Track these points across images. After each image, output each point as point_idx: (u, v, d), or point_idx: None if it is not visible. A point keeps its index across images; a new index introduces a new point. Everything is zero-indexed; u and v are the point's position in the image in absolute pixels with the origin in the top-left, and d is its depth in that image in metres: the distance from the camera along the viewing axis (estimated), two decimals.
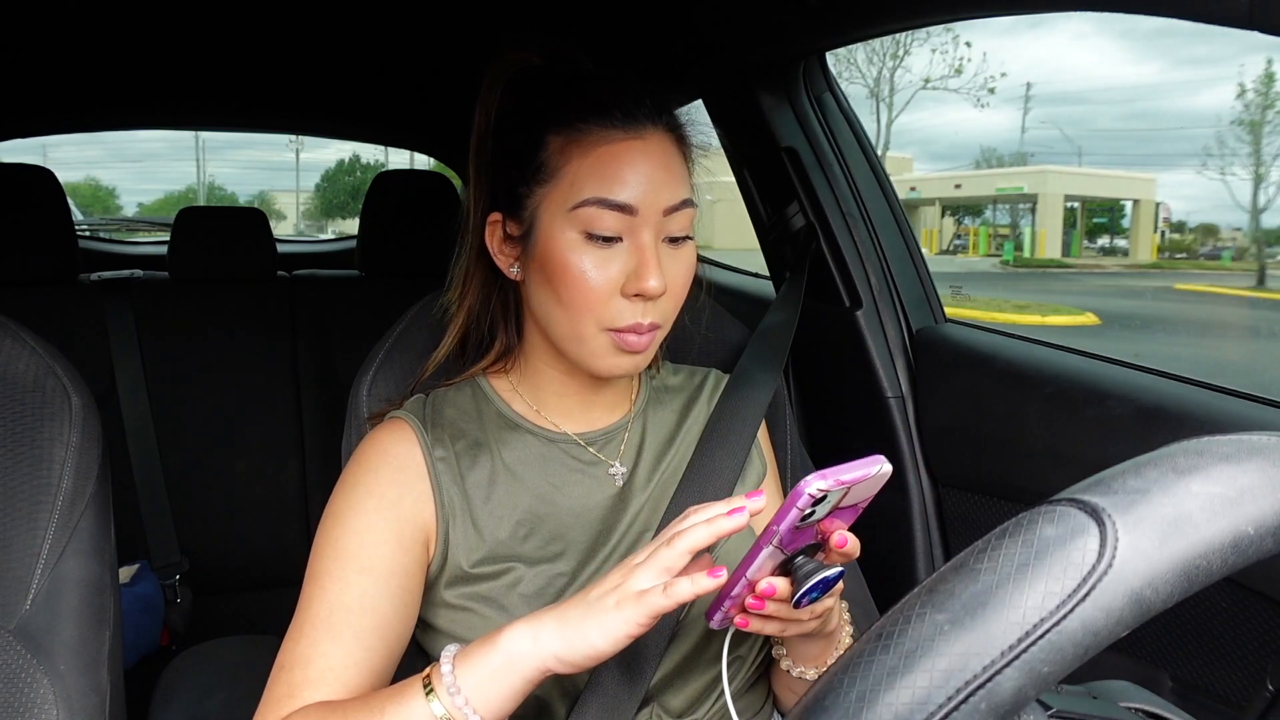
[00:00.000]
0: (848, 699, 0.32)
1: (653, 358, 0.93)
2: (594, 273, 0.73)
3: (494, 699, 0.63)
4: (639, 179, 0.73)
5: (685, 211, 0.76)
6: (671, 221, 0.75)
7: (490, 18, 1.64)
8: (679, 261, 0.77)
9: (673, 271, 0.76)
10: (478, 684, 0.63)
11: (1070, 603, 0.32)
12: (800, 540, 0.62)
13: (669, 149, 0.76)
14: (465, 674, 0.63)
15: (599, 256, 0.74)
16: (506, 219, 0.79)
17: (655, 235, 0.75)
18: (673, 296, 0.78)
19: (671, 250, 0.77)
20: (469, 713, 0.62)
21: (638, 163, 0.73)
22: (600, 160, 0.73)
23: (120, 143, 57.27)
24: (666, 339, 0.82)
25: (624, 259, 0.74)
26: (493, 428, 0.84)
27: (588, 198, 0.73)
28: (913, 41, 24.12)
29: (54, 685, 0.74)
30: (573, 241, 0.74)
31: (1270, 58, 27.92)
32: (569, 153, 0.74)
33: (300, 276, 2.24)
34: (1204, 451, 0.36)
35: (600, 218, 0.73)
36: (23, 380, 0.81)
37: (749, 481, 0.91)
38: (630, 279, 0.74)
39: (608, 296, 0.74)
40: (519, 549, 0.79)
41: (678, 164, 0.77)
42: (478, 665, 0.63)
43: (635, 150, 0.74)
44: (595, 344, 0.76)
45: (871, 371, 1.35)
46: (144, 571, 1.92)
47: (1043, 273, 22.43)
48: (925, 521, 1.31)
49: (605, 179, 0.73)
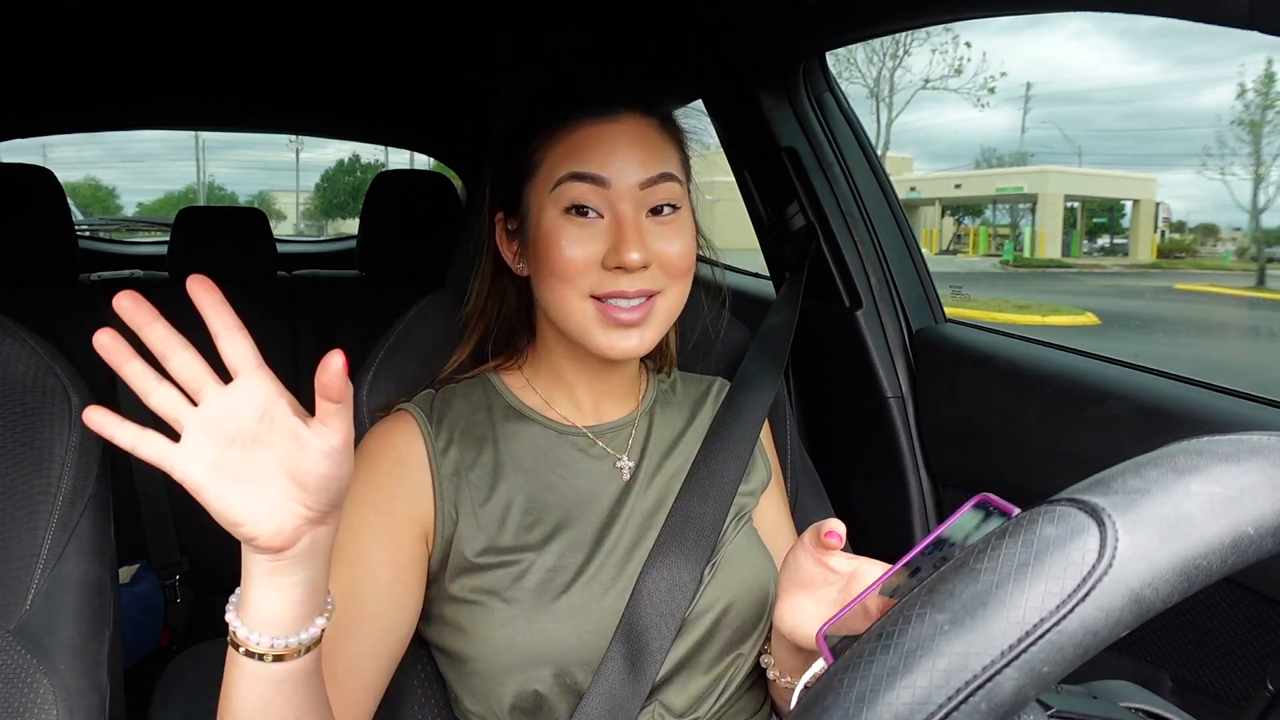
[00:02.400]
0: (848, 699, 0.32)
1: (663, 353, 0.94)
2: (574, 247, 0.77)
3: (272, 611, 0.57)
4: (610, 153, 0.77)
5: (666, 185, 0.79)
6: (652, 195, 0.78)
7: (491, 18, 1.64)
8: (668, 235, 0.79)
9: (660, 245, 0.78)
10: (251, 610, 0.57)
11: (1070, 603, 0.32)
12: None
13: (646, 130, 0.80)
14: (243, 608, 0.58)
15: (579, 232, 0.77)
16: (507, 217, 0.84)
17: (636, 209, 0.77)
18: (668, 268, 0.79)
19: (658, 224, 0.79)
20: (258, 638, 0.57)
21: (610, 140, 0.78)
22: (574, 142, 0.78)
23: (120, 143, 57.25)
24: (679, 340, 0.82)
25: (605, 234, 0.77)
26: (501, 420, 0.85)
27: (563, 174, 0.77)
28: (913, 41, 24.15)
29: (54, 685, 0.74)
30: (554, 219, 0.78)
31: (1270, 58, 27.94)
32: (550, 144, 0.79)
33: (300, 276, 2.24)
34: (1204, 451, 0.36)
35: (575, 191, 0.77)
36: (23, 380, 0.81)
37: (753, 483, 0.91)
38: (610, 252, 0.76)
39: (588, 269, 0.77)
40: (523, 540, 0.79)
41: (657, 142, 0.80)
42: (244, 594, 0.58)
43: (607, 130, 0.78)
44: (582, 315, 0.78)
45: (871, 371, 1.35)
46: (144, 571, 1.92)
47: (1042, 273, 22.44)
48: (925, 521, 1.31)
49: (578, 156, 0.77)
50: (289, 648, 0.57)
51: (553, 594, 0.77)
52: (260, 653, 0.57)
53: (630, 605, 0.77)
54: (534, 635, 0.76)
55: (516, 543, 0.79)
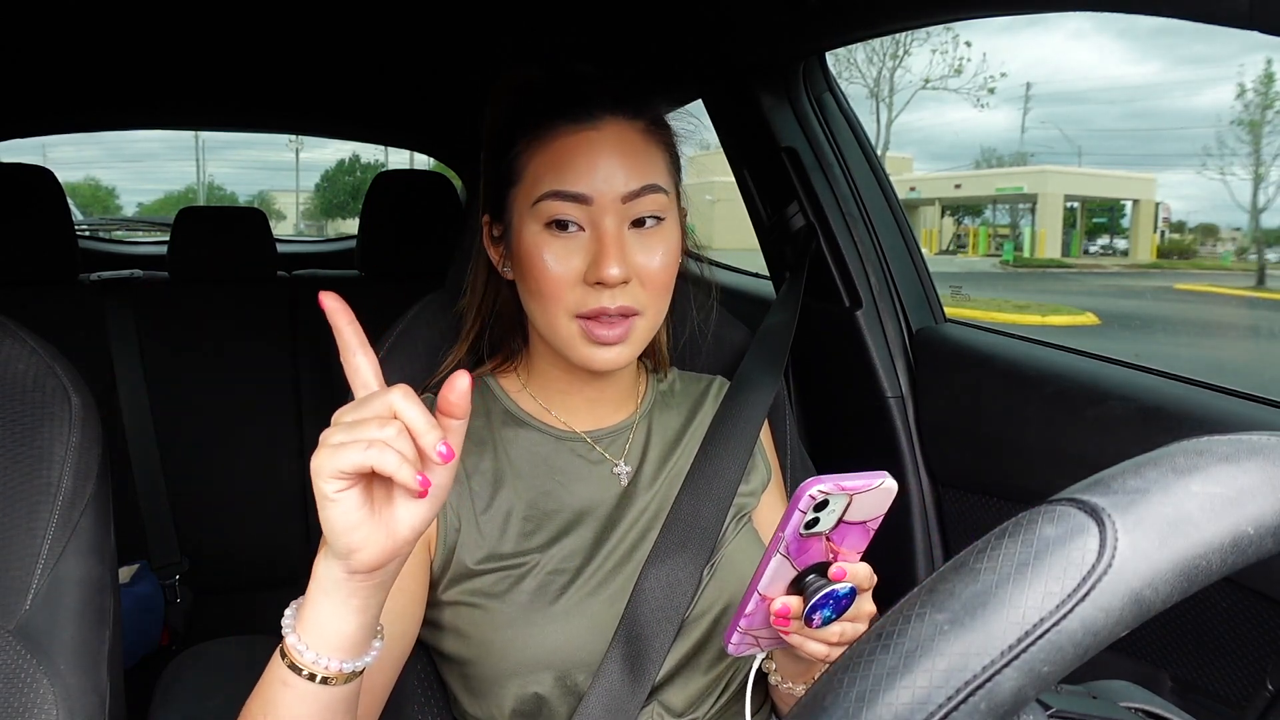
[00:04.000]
0: (848, 699, 0.32)
1: (657, 353, 0.94)
2: (556, 264, 0.76)
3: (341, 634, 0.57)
4: (591, 168, 0.75)
5: (651, 196, 0.77)
6: (635, 207, 0.76)
7: (491, 19, 1.64)
8: (651, 248, 0.77)
9: (642, 259, 0.77)
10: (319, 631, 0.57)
11: (1070, 603, 0.32)
12: (810, 556, 0.62)
13: (630, 136, 0.78)
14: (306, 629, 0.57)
15: (560, 248, 0.76)
16: (493, 222, 0.83)
17: (618, 222, 0.76)
18: (649, 282, 0.78)
19: (641, 236, 0.77)
20: (326, 661, 0.57)
21: (591, 153, 0.75)
22: (555, 154, 0.76)
23: (119, 143, 57.26)
24: (670, 339, 0.82)
25: (585, 248, 0.76)
26: (499, 426, 0.85)
27: (544, 191, 0.76)
28: (913, 41, 24.14)
29: (54, 685, 0.74)
30: (536, 234, 0.76)
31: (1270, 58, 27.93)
32: (531, 151, 0.78)
33: (300, 276, 2.24)
34: (1204, 451, 0.36)
35: (556, 208, 0.75)
36: (23, 380, 0.80)
37: (753, 484, 0.91)
38: (590, 267, 0.75)
39: (571, 285, 0.76)
40: (523, 546, 0.79)
41: (642, 150, 0.78)
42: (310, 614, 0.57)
43: (589, 141, 0.76)
44: (567, 332, 0.77)
45: (871, 371, 1.35)
46: (144, 571, 1.92)
47: (1042, 273, 22.42)
48: (925, 521, 1.31)
49: (559, 171, 0.75)
50: (355, 671, 0.58)
51: (551, 596, 0.77)
52: (328, 675, 0.57)
53: (629, 606, 0.77)
54: (533, 638, 0.76)
55: (517, 549, 0.79)
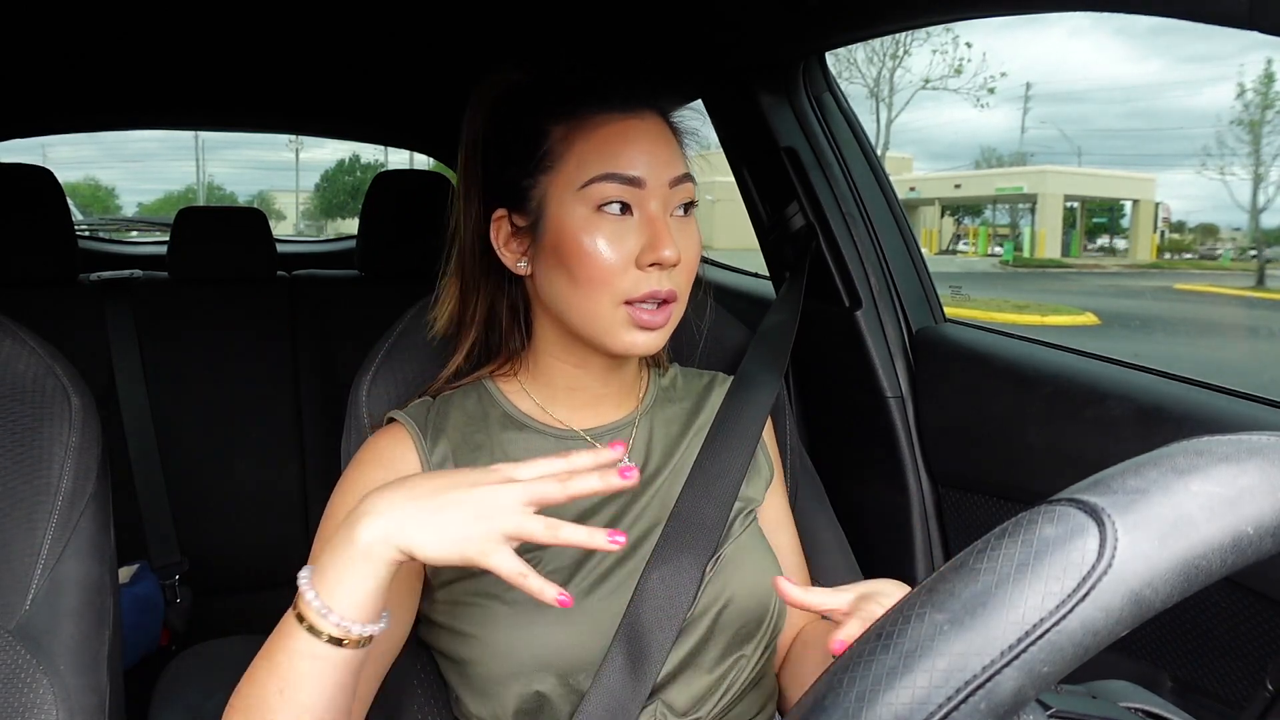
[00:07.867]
0: (847, 699, 0.32)
1: (662, 353, 0.94)
2: (608, 248, 0.76)
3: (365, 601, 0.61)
4: (642, 153, 0.77)
5: (688, 185, 0.80)
6: (677, 193, 0.79)
7: (490, 19, 1.64)
8: (689, 233, 0.80)
9: (685, 243, 0.79)
10: (348, 595, 0.60)
11: (1070, 603, 0.32)
12: None
13: (664, 129, 0.81)
14: (330, 591, 0.60)
15: (612, 231, 0.76)
16: (512, 213, 0.81)
17: (664, 207, 0.78)
18: (686, 268, 0.80)
19: (681, 222, 0.80)
20: (349, 625, 0.60)
21: (640, 139, 0.77)
22: (604, 139, 0.77)
23: (119, 143, 57.28)
24: (671, 339, 0.82)
25: (637, 232, 0.77)
26: (497, 429, 0.84)
27: (596, 174, 0.76)
28: (913, 41, 24.15)
29: (54, 685, 0.74)
30: (585, 219, 0.76)
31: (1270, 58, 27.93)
32: (572, 138, 0.78)
33: (300, 276, 2.24)
34: (1204, 451, 0.36)
35: (610, 190, 0.76)
36: (23, 380, 0.81)
37: (755, 483, 0.91)
38: (645, 250, 0.76)
39: (623, 269, 0.76)
40: (522, 546, 0.79)
41: (673, 141, 0.81)
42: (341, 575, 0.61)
43: (636, 128, 0.78)
44: (611, 319, 0.78)
45: (871, 371, 1.35)
46: (144, 571, 1.92)
47: (1042, 273, 22.42)
48: (925, 521, 1.31)
49: (611, 155, 0.76)
50: (373, 634, 0.62)
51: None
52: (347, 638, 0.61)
53: (631, 606, 0.77)
54: (534, 638, 0.76)
55: (518, 548, 0.79)
